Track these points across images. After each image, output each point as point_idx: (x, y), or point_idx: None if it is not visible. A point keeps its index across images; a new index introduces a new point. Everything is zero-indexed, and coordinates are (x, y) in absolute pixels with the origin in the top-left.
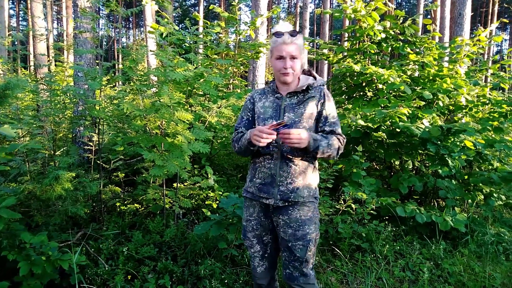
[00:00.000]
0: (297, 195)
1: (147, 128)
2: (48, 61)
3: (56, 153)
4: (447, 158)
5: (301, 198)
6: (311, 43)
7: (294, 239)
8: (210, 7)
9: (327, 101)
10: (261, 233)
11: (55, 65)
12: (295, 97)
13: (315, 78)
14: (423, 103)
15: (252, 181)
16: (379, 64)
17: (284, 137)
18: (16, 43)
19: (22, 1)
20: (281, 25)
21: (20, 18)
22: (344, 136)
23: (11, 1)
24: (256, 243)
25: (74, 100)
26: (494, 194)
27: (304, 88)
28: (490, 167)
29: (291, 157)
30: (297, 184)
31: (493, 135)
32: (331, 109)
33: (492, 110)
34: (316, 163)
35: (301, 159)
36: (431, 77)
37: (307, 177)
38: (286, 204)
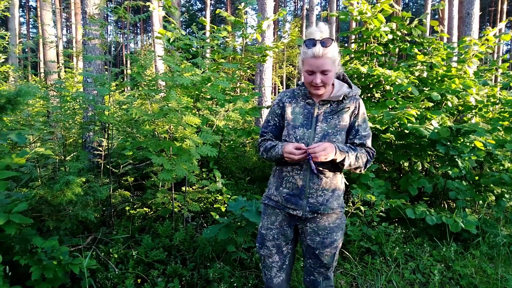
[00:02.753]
0: (326, 207)
1: (156, 133)
2: (58, 67)
3: (67, 159)
4: (457, 159)
5: (330, 210)
6: None
7: (322, 247)
8: (217, 11)
9: (361, 113)
10: (281, 243)
11: (65, 71)
12: (328, 105)
13: (350, 85)
14: (431, 104)
15: (278, 190)
16: (387, 65)
17: (311, 155)
18: (26, 50)
19: (32, 9)
20: (315, 30)
21: (30, 26)
22: (374, 149)
23: (21, 9)
24: (275, 253)
25: (84, 106)
26: (506, 195)
27: (340, 98)
28: (501, 167)
29: (321, 168)
30: (327, 196)
31: (504, 135)
32: (364, 122)
33: (503, 110)
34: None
35: (330, 170)
36: (439, 78)
37: (337, 189)
38: (315, 215)
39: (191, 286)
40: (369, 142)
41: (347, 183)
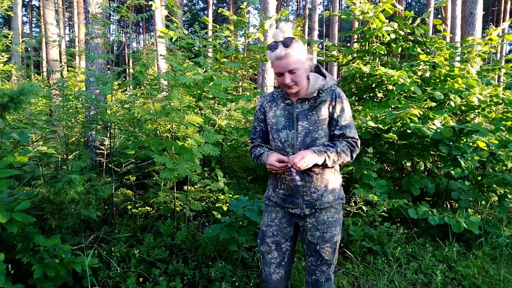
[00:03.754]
0: (322, 202)
1: (158, 132)
2: (61, 66)
3: (69, 157)
4: (459, 159)
5: (327, 204)
6: (320, 45)
7: (322, 242)
8: (219, 11)
9: (339, 102)
10: (280, 239)
11: (68, 70)
12: (306, 102)
13: (325, 76)
14: (434, 103)
15: (275, 191)
16: (389, 65)
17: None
18: (29, 49)
19: (35, 8)
20: (276, 32)
21: (33, 25)
22: (357, 137)
23: (24, 9)
24: (274, 249)
25: (86, 104)
26: (509, 195)
27: (315, 94)
28: (504, 167)
29: (308, 173)
30: (321, 192)
31: (507, 135)
32: (342, 111)
33: (506, 110)
34: (337, 165)
35: (320, 167)
36: (442, 77)
37: (329, 183)
38: (313, 210)
39: (192, 285)
40: (350, 132)
41: (344, 182)
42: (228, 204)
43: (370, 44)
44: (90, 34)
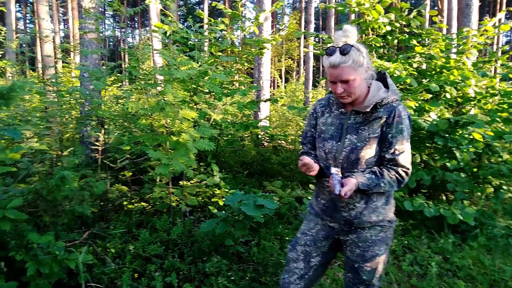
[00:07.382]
0: (361, 220)
1: (153, 127)
2: (55, 62)
3: (64, 154)
4: (455, 151)
5: (367, 224)
6: (316, 38)
7: (362, 260)
8: (213, 4)
9: (397, 122)
10: (312, 252)
11: (62, 66)
12: (361, 114)
13: (388, 87)
14: (430, 95)
15: (317, 199)
16: (385, 57)
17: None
18: (23, 45)
19: (28, 4)
20: (339, 36)
21: (27, 21)
22: (409, 166)
23: (17, 4)
24: (301, 260)
25: (80, 100)
26: (504, 187)
27: (368, 109)
28: (500, 159)
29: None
30: (359, 209)
31: (503, 127)
32: (399, 133)
33: (501, 101)
34: None
35: None
36: (438, 69)
37: (371, 201)
38: (353, 228)
39: (188, 280)
40: (403, 159)
41: None
42: (224, 199)
43: (366, 36)
44: (83, 29)
